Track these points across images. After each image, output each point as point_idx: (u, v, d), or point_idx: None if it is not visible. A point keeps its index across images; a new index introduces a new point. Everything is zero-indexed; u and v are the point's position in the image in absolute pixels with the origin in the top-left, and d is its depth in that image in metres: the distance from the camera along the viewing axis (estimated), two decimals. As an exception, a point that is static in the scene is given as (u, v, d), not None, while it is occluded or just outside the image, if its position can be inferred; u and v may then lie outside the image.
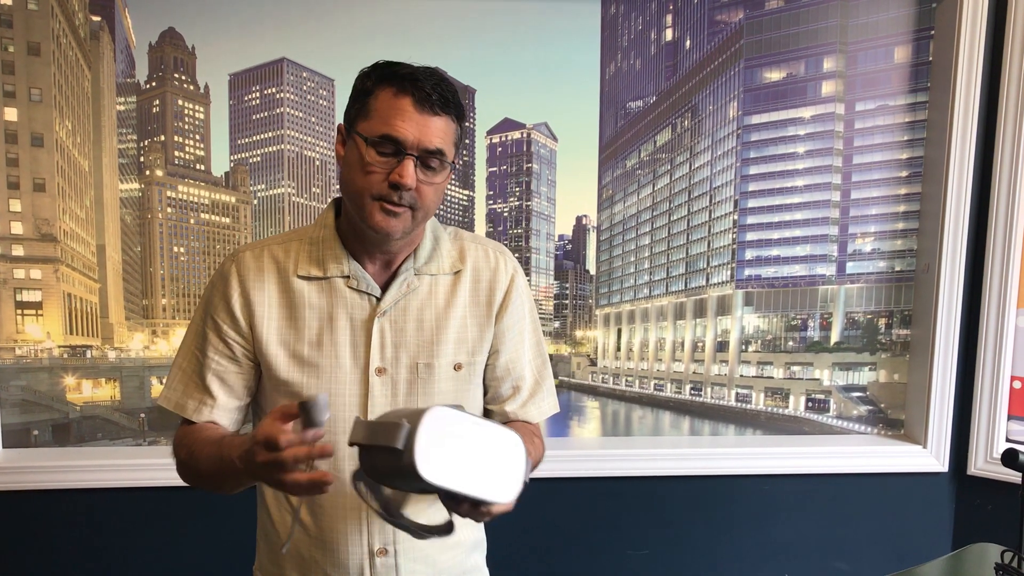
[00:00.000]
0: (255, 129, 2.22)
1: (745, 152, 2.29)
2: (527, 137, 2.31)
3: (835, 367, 2.37)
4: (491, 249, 1.26)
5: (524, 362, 1.30)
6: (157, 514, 2.13)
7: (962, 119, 2.15)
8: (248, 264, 1.18)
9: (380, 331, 1.16)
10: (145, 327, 2.20)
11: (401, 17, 2.13)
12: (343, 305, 1.16)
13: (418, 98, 1.06)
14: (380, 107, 1.07)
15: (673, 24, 2.27)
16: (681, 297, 2.38)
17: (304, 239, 1.20)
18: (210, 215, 2.24)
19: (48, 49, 2.04)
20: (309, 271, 1.17)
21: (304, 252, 1.18)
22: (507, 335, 1.26)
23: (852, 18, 2.24)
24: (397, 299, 1.17)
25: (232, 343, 1.18)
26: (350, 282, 1.16)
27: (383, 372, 1.16)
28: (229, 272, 1.18)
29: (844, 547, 2.35)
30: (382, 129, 1.06)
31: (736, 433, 2.40)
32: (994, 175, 2.16)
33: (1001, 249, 2.17)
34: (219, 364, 1.19)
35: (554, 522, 2.24)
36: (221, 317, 1.18)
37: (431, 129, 1.07)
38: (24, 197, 2.08)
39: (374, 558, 1.19)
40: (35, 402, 2.15)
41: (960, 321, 2.23)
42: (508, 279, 1.25)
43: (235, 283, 1.17)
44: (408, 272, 1.18)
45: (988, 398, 2.23)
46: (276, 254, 1.19)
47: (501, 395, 1.29)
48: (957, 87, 2.14)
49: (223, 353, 1.19)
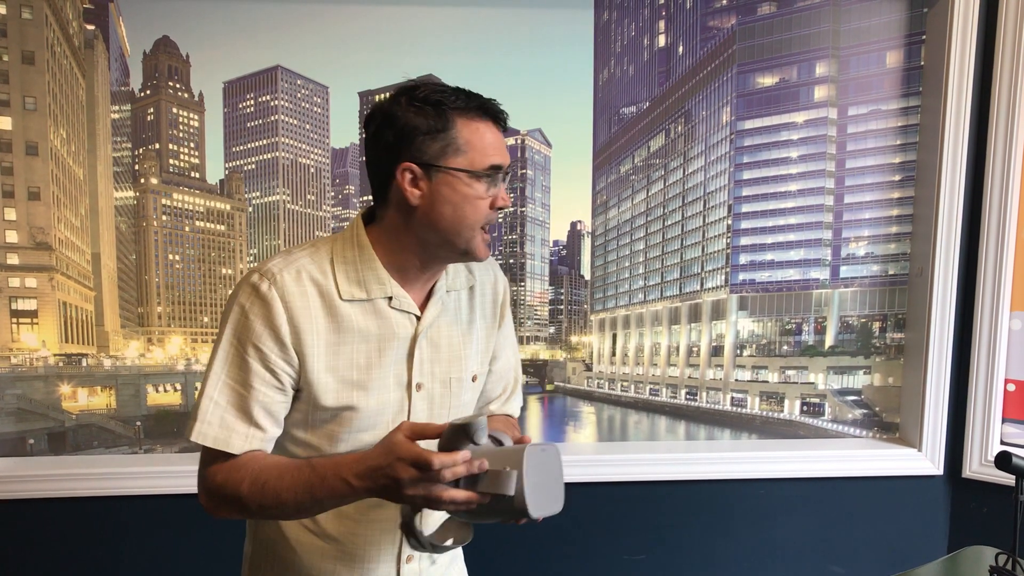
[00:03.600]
0: (249, 136, 2.22)
1: (738, 157, 2.30)
2: (521, 143, 2.31)
3: (830, 371, 2.38)
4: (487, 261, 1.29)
5: (511, 365, 1.36)
6: (153, 522, 2.12)
7: (954, 123, 2.16)
8: (291, 288, 1.09)
9: (420, 349, 1.18)
10: (141, 335, 2.20)
11: (395, 24, 2.14)
12: (389, 326, 1.15)
13: (497, 121, 1.13)
14: (472, 139, 1.09)
15: (666, 30, 2.28)
16: (676, 302, 2.38)
17: (338, 258, 1.14)
18: (205, 222, 2.24)
19: (42, 58, 2.05)
20: (353, 294, 1.12)
21: (342, 273, 1.13)
22: (505, 342, 1.32)
23: (844, 23, 2.25)
24: (435, 317, 1.19)
25: (280, 373, 1.11)
26: (393, 303, 1.15)
27: (421, 387, 1.19)
28: (270, 297, 1.09)
29: (840, 550, 2.35)
30: (488, 161, 1.09)
31: (731, 437, 2.40)
32: (986, 178, 2.17)
33: (994, 252, 2.18)
34: (266, 395, 1.11)
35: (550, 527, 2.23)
36: (268, 346, 1.09)
37: (506, 149, 1.15)
38: (19, 206, 2.08)
39: (401, 567, 1.22)
40: (30, 411, 2.14)
41: (954, 324, 2.24)
42: (504, 287, 1.31)
43: (280, 308, 1.09)
44: (442, 290, 1.20)
45: (982, 401, 2.23)
46: (314, 276, 1.12)
47: (491, 395, 1.34)
48: (949, 91, 2.15)
49: (270, 384, 1.11)
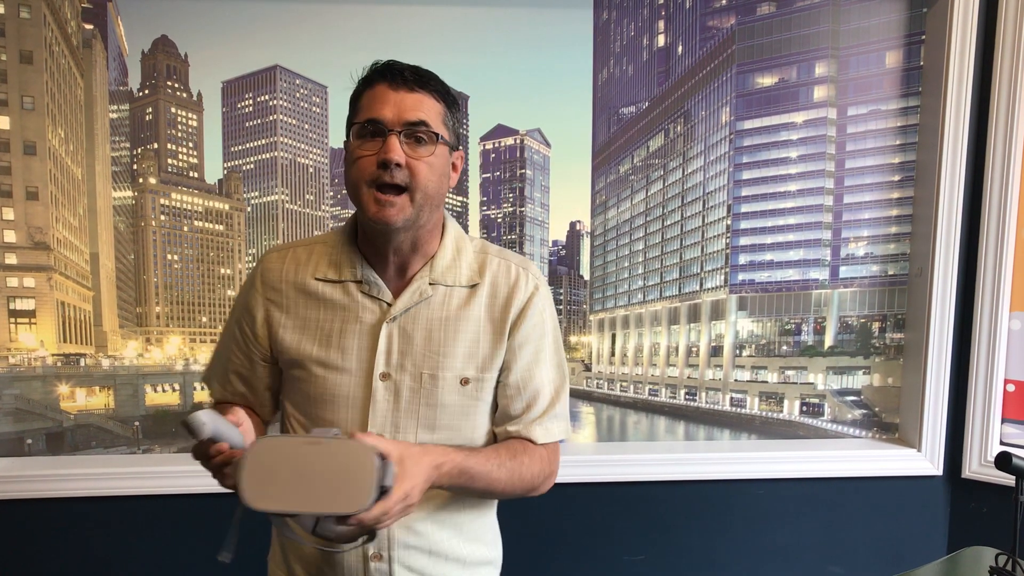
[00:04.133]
0: (248, 136, 2.22)
1: (738, 157, 2.30)
2: (520, 143, 2.31)
3: (829, 371, 2.38)
4: (514, 264, 1.25)
5: (542, 380, 1.25)
6: (151, 522, 2.12)
7: (953, 123, 2.16)
8: (271, 265, 1.24)
9: (388, 337, 1.17)
10: (139, 335, 2.20)
11: (394, 24, 2.14)
12: (354, 308, 1.19)
13: (391, 79, 1.11)
14: (363, 102, 1.12)
15: (665, 30, 2.28)
16: (675, 302, 2.38)
17: (327, 243, 1.24)
18: (203, 222, 2.24)
19: (41, 57, 2.04)
20: (326, 274, 1.21)
21: (324, 255, 1.22)
22: (521, 351, 1.22)
23: (843, 23, 2.25)
24: (408, 306, 1.18)
25: (248, 341, 1.26)
26: (363, 287, 1.19)
27: (387, 378, 1.17)
28: (255, 273, 1.26)
29: (839, 551, 2.35)
30: (364, 116, 1.10)
31: (731, 438, 2.40)
32: (986, 178, 2.17)
33: (994, 252, 2.18)
34: (237, 358, 1.28)
35: (549, 528, 2.24)
36: (243, 316, 1.25)
37: (409, 103, 1.10)
38: (17, 205, 2.07)
39: (368, 563, 1.19)
40: (29, 411, 2.14)
41: (953, 324, 2.24)
42: (527, 294, 1.22)
43: (258, 283, 1.24)
44: (422, 281, 1.19)
45: (982, 401, 2.23)
46: (299, 255, 1.24)
47: (511, 413, 1.24)
48: (948, 91, 2.15)
49: (241, 348, 1.27)
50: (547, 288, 1.27)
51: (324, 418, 1.19)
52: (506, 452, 1.20)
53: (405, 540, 1.20)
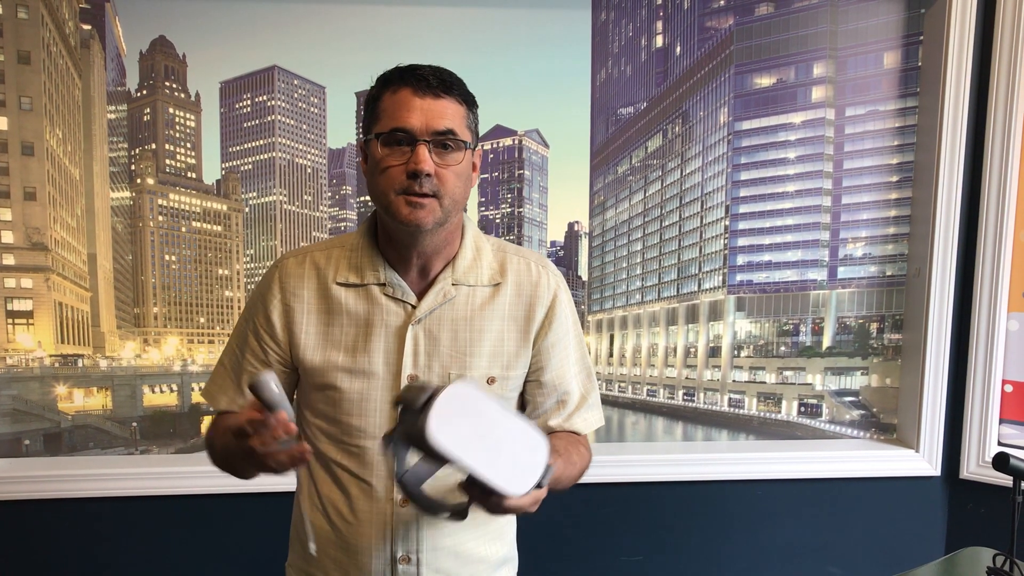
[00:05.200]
0: (246, 137, 2.22)
1: (736, 158, 2.30)
2: (518, 144, 2.31)
3: (827, 372, 2.38)
4: (534, 263, 1.25)
5: (570, 377, 1.28)
6: (149, 523, 2.12)
7: (951, 123, 2.17)
8: (290, 271, 1.22)
9: (414, 339, 1.17)
10: (137, 336, 2.20)
11: (392, 24, 2.13)
12: (379, 312, 1.18)
13: (417, 86, 1.09)
14: (386, 107, 1.10)
15: (663, 30, 2.28)
16: (673, 303, 2.38)
17: (345, 246, 1.22)
18: (201, 223, 2.23)
19: (38, 58, 2.04)
20: (347, 278, 1.19)
21: (344, 259, 1.20)
22: (552, 351, 1.25)
23: (842, 24, 2.25)
24: (432, 308, 1.18)
25: (267, 348, 1.22)
26: (386, 289, 1.18)
27: (415, 379, 1.17)
28: (272, 278, 1.22)
29: (837, 551, 2.35)
30: (391, 124, 1.08)
31: (729, 438, 2.40)
32: (984, 179, 2.17)
33: (991, 252, 2.18)
34: (252, 366, 1.24)
35: (547, 528, 2.23)
36: (260, 322, 1.22)
37: (436, 111, 1.09)
38: (15, 206, 2.07)
39: (396, 565, 1.20)
40: (26, 411, 2.14)
41: (951, 325, 2.24)
42: (551, 295, 1.24)
43: (276, 289, 1.21)
44: (445, 281, 1.18)
45: (980, 402, 2.23)
46: (317, 260, 1.22)
47: (544, 408, 1.28)
48: (946, 92, 2.15)
49: (257, 355, 1.23)
50: (564, 282, 1.30)
51: (351, 424, 1.18)
52: (572, 447, 1.23)
53: (433, 542, 1.20)
